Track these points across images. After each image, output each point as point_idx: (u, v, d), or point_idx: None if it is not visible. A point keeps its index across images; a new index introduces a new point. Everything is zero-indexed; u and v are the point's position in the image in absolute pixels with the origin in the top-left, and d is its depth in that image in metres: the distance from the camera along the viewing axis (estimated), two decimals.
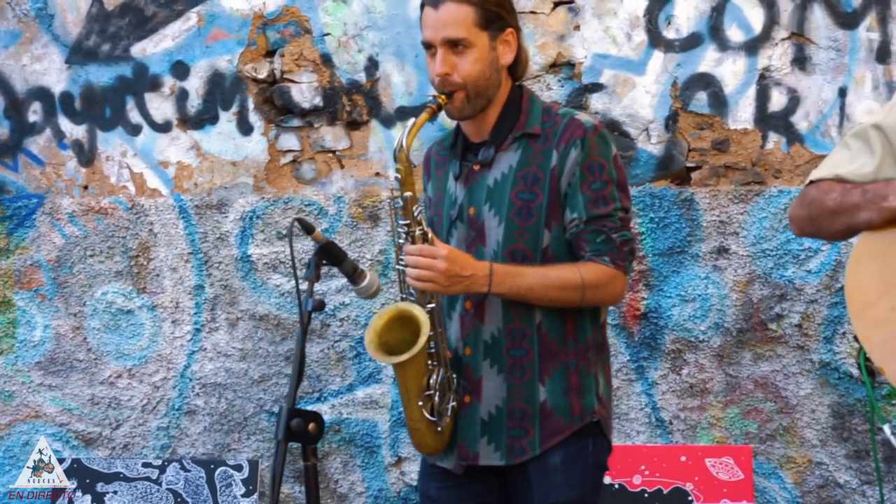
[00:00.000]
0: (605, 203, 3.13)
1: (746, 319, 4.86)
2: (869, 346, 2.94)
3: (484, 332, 3.16)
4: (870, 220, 2.94)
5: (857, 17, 4.81)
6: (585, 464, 3.22)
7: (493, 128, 3.19)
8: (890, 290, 2.92)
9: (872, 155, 3.00)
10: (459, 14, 3.09)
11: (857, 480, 4.77)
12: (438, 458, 3.25)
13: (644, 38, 4.91)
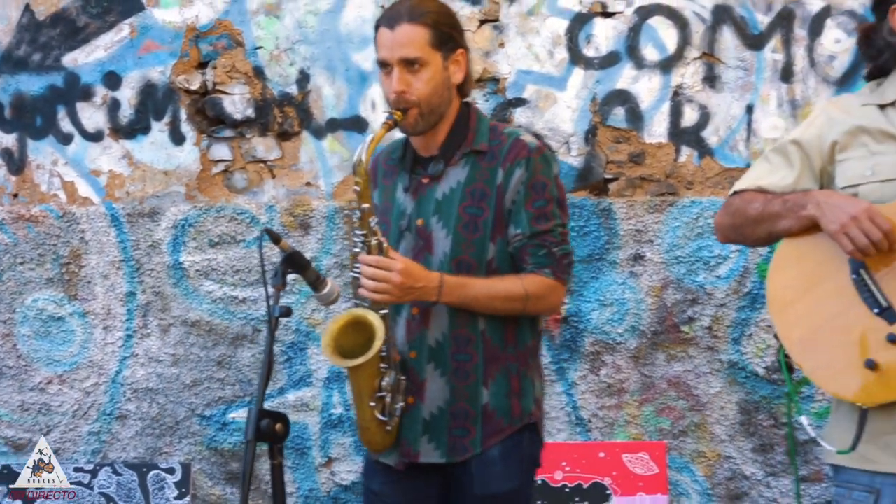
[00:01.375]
0: (547, 220, 3.27)
1: (660, 322, 5.03)
2: (788, 344, 3.08)
3: (429, 337, 3.26)
4: (789, 228, 3.07)
5: (763, 39, 5.03)
6: (522, 458, 3.35)
7: (442, 143, 3.29)
8: (807, 291, 3.05)
9: (791, 168, 3.13)
10: (415, 35, 3.20)
11: (762, 472, 4.96)
12: (382, 455, 3.34)
13: (565, 56, 5.07)
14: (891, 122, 3.00)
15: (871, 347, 2.92)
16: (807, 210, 3.02)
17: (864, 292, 2.92)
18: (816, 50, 5.01)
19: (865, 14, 4.89)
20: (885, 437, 2.94)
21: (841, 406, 3.05)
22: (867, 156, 3.01)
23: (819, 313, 3.04)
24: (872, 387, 2.94)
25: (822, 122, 3.12)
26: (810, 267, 3.07)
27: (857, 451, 2.97)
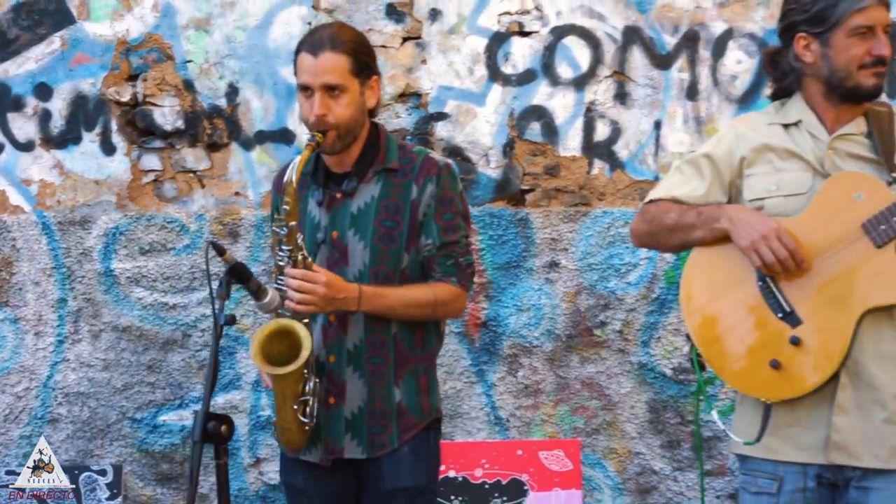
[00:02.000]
0: (454, 231, 3.45)
1: (574, 326, 5.15)
2: (700, 346, 3.26)
3: (347, 342, 3.41)
4: (702, 238, 3.25)
5: (671, 59, 5.19)
6: (429, 454, 3.53)
7: (355, 162, 3.44)
8: (718, 297, 3.23)
9: (703, 180, 3.31)
10: (337, 63, 3.35)
11: (669, 467, 5.13)
12: (303, 452, 3.46)
13: (484, 73, 5.20)
14: (794, 140, 3.19)
15: (776, 349, 3.11)
16: (720, 223, 3.19)
17: (770, 298, 3.10)
18: (719, 70, 5.17)
19: (765, 37, 5.13)
20: (787, 430, 3.12)
21: (746, 401, 3.22)
22: (772, 172, 3.20)
23: (728, 317, 3.21)
24: (776, 384, 3.12)
25: (732, 138, 3.30)
26: (721, 275, 3.24)
27: (761, 443, 3.14)
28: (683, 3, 5.16)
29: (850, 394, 3.09)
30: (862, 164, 3.17)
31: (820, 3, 3.17)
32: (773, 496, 3.20)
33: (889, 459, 3.06)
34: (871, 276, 3.06)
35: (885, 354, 3.09)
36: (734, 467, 5.07)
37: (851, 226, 3.07)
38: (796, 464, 3.16)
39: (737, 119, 3.59)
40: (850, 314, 3.06)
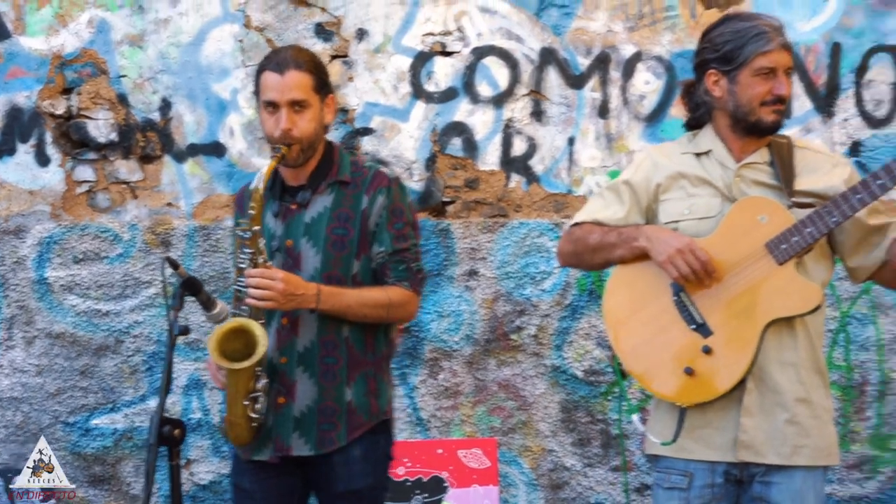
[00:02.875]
0: (405, 239, 3.59)
1: (492, 331, 5.29)
2: (621, 354, 3.44)
3: (298, 343, 3.51)
4: (623, 256, 3.43)
5: (584, 80, 5.35)
6: (379, 456, 3.64)
7: (310, 175, 3.56)
8: (637, 310, 3.41)
9: (623, 204, 3.48)
10: (302, 80, 3.49)
11: (580, 464, 5.29)
12: (254, 452, 3.55)
13: (408, 90, 5.32)
14: (705, 168, 3.39)
15: (689, 357, 3.30)
16: (638, 242, 3.38)
17: (684, 311, 3.30)
18: (629, 90, 5.35)
19: (671, 60, 5.35)
20: (699, 431, 3.32)
21: (662, 405, 3.41)
22: (685, 197, 3.40)
23: (647, 328, 3.40)
24: (690, 389, 3.31)
25: (649, 166, 3.49)
26: (640, 290, 3.43)
27: (676, 443, 3.33)
28: (596, 27, 5.31)
29: (756, 398, 3.28)
30: (765, 189, 3.36)
31: (729, 44, 3.35)
32: (684, 491, 3.36)
33: (791, 456, 3.27)
34: (774, 290, 3.24)
35: (786, 361, 3.29)
36: (640, 462, 5.27)
37: (756, 245, 3.26)
38: (706, 462, 3.33)
39: (653, 148, 3.76)
40: (755, 325, 3.25)
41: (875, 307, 5.39)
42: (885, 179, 3.12)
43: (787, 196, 3.33)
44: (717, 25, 3.47)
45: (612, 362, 3.57)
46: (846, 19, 5.39)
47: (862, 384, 5.40)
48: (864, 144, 5.42)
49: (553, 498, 5.33)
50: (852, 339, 5.41)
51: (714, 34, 3.44)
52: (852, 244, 3.38)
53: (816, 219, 3.21)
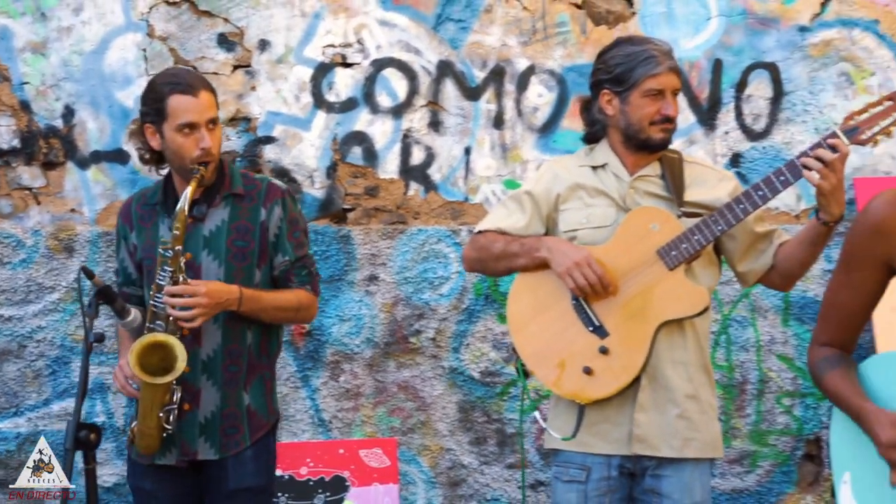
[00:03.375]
0: (303, 247, 3.73)
1: (392, 335, 5.37)
2: (524, 356, 3.58)
3: (201, 352, 3.59)
4: (525, 265, 3.58)
5: (480, 92, 5.44)
6: (269, 456, 3.75)
7: (205, 189, 3.62)
8: (538, 315, 3.57)
9: (524, 214, 3.63)
10: (212, 100, 3.60)
11: (477, 462, 5.38)
12: (158, 457, 3.61)
13: (310, 100, 5.36)
14: (601, 180, 3.56)
15: (587, 357, 3.47)
16: (540, 253, 3.53)
17: (582, 315, 3.47)
18: (523, 102, 5.44)
19: (563, 73, 5.44)
20: (596, 426, 3.49)
21: (562, 403, 3.58)
22: (583, 207, 3.56)
23: (547, 331, 3.56)
24: (588, 388, 3.48)
25: (549, 177, 3.65)
26: (540, 296, 3.58)
27: (575, 439, 3.50)
28: (491, 41, 5.41)
29: (649, 394, 3.46)
30: (657, 200, 3.54)
31: (620, 67, 3.53)
32: (582, 484, 3.52)
33: (681, 449, 3.45)
34: (665, 294, 3.43)
35: (677, 360, 3.47)
36: (534, 460, 5.38)
37: (648, 252, 3.44)
38: (603, 455, 3.50)
39: (553, 160, 3.91)
40: (648, 327, 3.43)
41: (754, 310, 5.54)
42: (765, 190, 3.34)
43: (677, 206, 3.51)
44: (610, 48, 3.63)
45: (516, 363, 3.70)
46: (727, 38, 5.54)
47: (742, 383, 5.54)
48: (744, 156, 5.58)
49: (451, 495, 5.42)
50: (733, 340, 5.54)
51: (607, 56, 3.59)
52: (741, 250, 3.56)
53: (704, 227, 3.39)
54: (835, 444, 2.80)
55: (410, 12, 5.42)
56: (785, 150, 5.58)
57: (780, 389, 5.57)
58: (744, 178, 5.49)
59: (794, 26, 5.60)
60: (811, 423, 5.60)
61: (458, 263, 5.40)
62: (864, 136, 3.29)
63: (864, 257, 2.68)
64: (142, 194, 3.80)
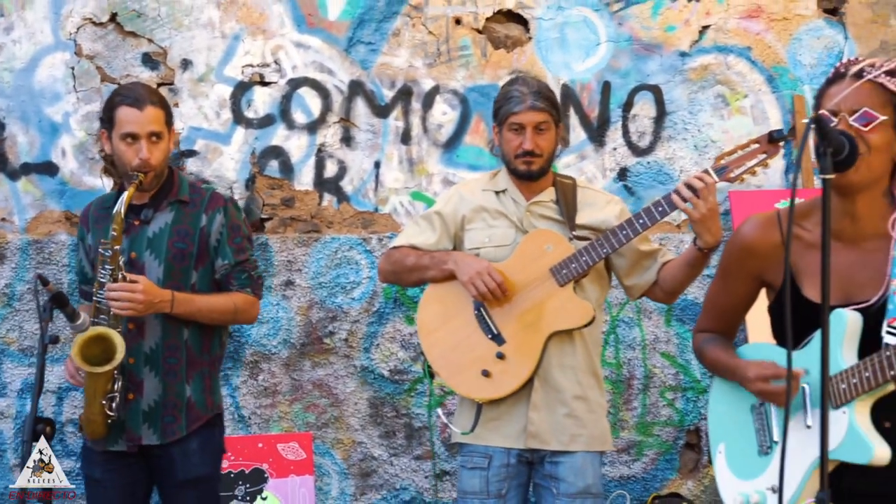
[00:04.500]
0: (243, 252, 3.89)
1: (307, 336, 5.51)
2: (431, 359, 3.84)
3: (144, 345, 3.76)
4: (434, 277, 3.85)
5: (388, 109, 5.59)
6: (214, 447, 3.94)
7: (153, 195, 3.81)
8: (445, 322, 3.83)
9: (434, 231, 3.89)
10: (158, 115, 3.76)
11: (387, 454, 5.54)
12: (109, 444, 3.76)
13: (230, 116, 5.49)
14: (502, 204, 3.85)
15: (486, 362, 3.76)
16: (447, 265, 3.81)
17: (483, 324, 3.76)
18: (428, 119, 5.60)
19: (465, 93, 5.59)
20: (494, 423, 3.79)
21: (464, 402, 3.87)
22: (486, 227, 3.85)
23: (452, 337, 3.82)
24: (486, 389, 3.77)
25: (457, 200, 3.92)
26: (447, 305, 3.85)
27: (475, 433, 3.80)
28: (399, 63, 5.57)
29: (541, 395, 3.75)
30: (551, 223, 3.82)
31: (496, 105, 3.84)
32: (485, 470, 3.80)
33: (569, 444, 3.76)
34: (556, 307, 3.72)
35: (566, 365, 3.77)
36: (440, 451, 5.54)
37: (542, 270, 3.73)
38: (503, 447, 3.79)
39: (461, 184, 4.16)
40: (540, 335, 3.72)
41: (640, 312, 5.71)
42: (645, 219, 3.63)
43: (570, 229, 3.79)
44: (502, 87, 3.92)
45: (423, 365, 3.96)
46: (614, 62, 5.72)
47: (629, 379, 5.71)
48: (630, 170, 5.75)
49: (363, 485, 5.55)
50: (621, 339, 5.71)
51: (497, 95, 3.90)
52: (628, 267, 3.85)
53: (591, 249, 3.69)
54: (711, 420, 3.11)
55: (324, 35, 5.54)
56: (667, 164, 5.76)
57: (664, 384, 5.74)
58: (630, 191, 5.71)
59: (676, 52, 5.78)
60: (692, 415, 5.77)
61: (370, 269, 5.54)
62: (732, 175, 3.55)
63: (737, 271, 2.99)
64: (101, 199, 3.96)
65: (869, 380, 2.64)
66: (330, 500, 5.61)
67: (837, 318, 2.70)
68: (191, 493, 3.88)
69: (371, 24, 5.60)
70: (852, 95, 2.70)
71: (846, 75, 2.73)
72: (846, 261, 2.78)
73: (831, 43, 5.98)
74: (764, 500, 2.87)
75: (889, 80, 2.70)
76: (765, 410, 2.92)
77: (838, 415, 2.69)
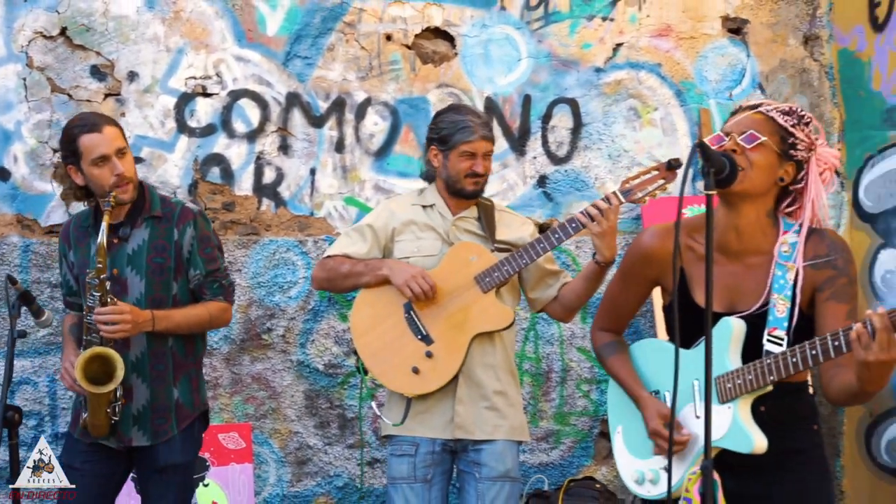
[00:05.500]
0: (214, 262, 4.09)
1: (247, 332, 5.61)
2: (364, 358, 4.10)
3: (130, 355, 3.94)
4: (368, 282, 4.09)
5: (323, 120, 5.71)
6: (195, 438, 4.14)
7: (128, 212, 3.97)
8: (377, 324, 4.08)
9: (366, 242, 4.14)
10: (116, 131, 3.94)
11: (321, 443, 5.68)
12: (102, 438, 3.95)
13: (174, 126, 5.54)
14: (430, 218, 4.11)
15: (415, 360, 4.02)
16: (382, 271, 4.06)
17: (412, 325, 4.02)
18: (361, 129, 5.72)
19: (395, 105, 5.71)
20: (421, 416, 4.06)
21: (394, 396, 4.12)
22: (415, 239, 4.11)
23: (384, 337, 4.08)
24: (415, 384, 4.03)
25: (387, 214, 4.17)
26: (378, 309, 4.10)
27: (404, 425, 4.05)
28: (333, 76, 5.70)
29: (465, 390, 4.03)
30: (474, 237, 4.11)
31: (445, 131, 4.08)
32: (412, 457, 4.07)
33: (491, 433, 4.04)
34: (479, 311, 4.00)
35: (487, 364, 4.05)
36: (371, 441, 5.67)
37: (467, 278, 4.01)
38: (428, 438, 4.05)
39: (390, 200, 4.39)
40: (465, 337, 4.00)
41: None
42: (560, 234, 3.92)
43: (491, 243, 4.08)
44: (441, 113, 4.17)
45: (357, 362, 4.20)
46: (534, 76, 5.91)
47: (548, 372, 5.88)
48: (549, 177, 5.94)
49: (299, 472, 5.67)
50: (540, 335, 5.87)
51: (438, 120, 4.14)
52: (534, 282, 4.15)
53: (511, 260, 3.96)
54: (610, 405, 3.45)
55: (263, 49, 5.64)
56: (583, 172, 5.97)
57: (580, 377, 5.93)
58: (549, 197, 5.92)
59: (591, 67, 6.00)
60: (605, 405, 5.53)
61: (306, 270, 5.66)
62: (636, 196, 3.86)
63: (636, 275, 3.34)
64: (77, 218, 4.09)
65: (752, 382, 2.99)
66: (268, 486, 5.71)
67: (725, 325, 3.05)
68: (170, 478, 4.05)
69: (307, 40, 5.71)
70: (744, 121, 3.07)
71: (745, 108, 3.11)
72: (732, 272, 3.12)
73: (735, 60, 6.22)
74: (657, 478, 3.20)
75: (779, 116, 3.05)
76: (660, 399, 3.25)
77: (724, 409, 3.04)
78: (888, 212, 6.20)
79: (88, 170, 3.91)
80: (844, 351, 2.80)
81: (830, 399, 3.02)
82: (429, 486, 4.09)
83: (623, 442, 3.35)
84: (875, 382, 2.79)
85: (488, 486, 4.07)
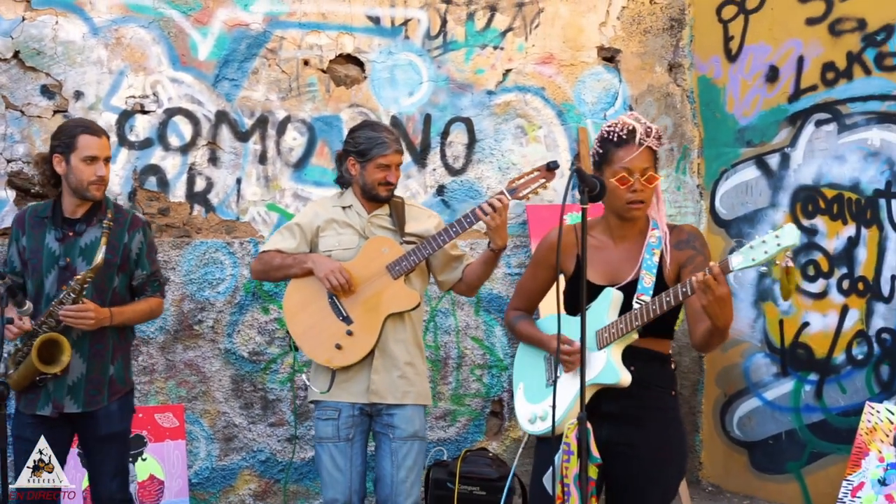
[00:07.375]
0: (155, 263, 4.51)
1: (180, 323, 5.92)
2: (294, 336, 4.50)
3: (72, 334, 4.28)
4: (296, 273, 4.49)
5: (248, 135, 6.03)
6: (128, 409, 4.49)
7: (86, 212, 4.31)
8: (305, 307, 4.48)
9: (295, 239, 4.53)
10: (108, 144, 4.31)
11: (246, 421, 6.02)
12: (38, 408, 4.24)
13: (115, 140, 5.80)
14: (348, 217, 4.52)
15: (338, 337, 4.43)
16: (307, 264, 4.47)
17: (335, 308, 4.45)
18: (282, 144, 6.04)
19: (312, 122, 5.99)
20: (344, 384, 4.47)
21: (320, 368, 4.52)
22: (336, 235, 4.52)
23: (311, 319, 4.48)
24: (338, 358, 4.43)
25: (312, 214, 4.57)
26: (306, 294, 4.51)
27: (330, 392, 4.46)
28: (257, 96, 6.02)
29: (380, 361, 4.47)
30: (386, 231, 4.54)
31: (363, 145, 4.48)
32: (336, 420, 4.47)
33: (402, 398, 4.50)
34: (391, 295, 4.45)
35: (399, 339, 4.51)
36: (289, 420, 5.94)
37: (380, 267, 4.46)
38: (349, 402, 4.48)
39: (315, 202, 4.75)
40: (379, 316, 4.44)
41: (454, 304, 6.22)
42: (458, 228, 4.40)
43: (401, 236, 4.53)
44: (358, 128, 4.58)
45: (289, 341, 4.20)
46: (434, 97, 6.26)
47: (445, 358, 6.23)
48: (447, 187, 6.32)
49: (226, 448, 6.01)
50: (439, 326, 6.23)
51: (355, 135, 4.55)
52: (441, 266, 4.62)
53: (418, 251, 4.44)
54: (515, 368, 3.97)
55: (195, 72, 5.95)
56: (477, 183, 6.32)
57: (474, 363, 6.31)
58: (446, 204, 6.29)
59: (484, 90, 6.38)
60: (496, 388, 6.30)
61: (232, 268, 5.95)
62: (521, 194, 4.35)
63: (544, 262, 3.91)
64: (34, 209, 4.40)
65: (621, 329, 3.63)
66: (199, 460, 5.98)
67: (606, 293, 3.70)
68: (110, 445, 4.43)
69: (234, 64, 6.03)
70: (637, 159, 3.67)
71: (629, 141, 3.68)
72: (615, 252, 3.78)
73: (609, 85, 6.68)
74: (546, 415, 3.78)
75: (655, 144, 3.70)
76: (553, 358, 3.87)
77: (600, 354, 3.67)
78: (740, 218, 6.80)
79: (76, 163, 4.25)
80: (690, 294, 3.44)
81: (697, 345, 3.65)
82: (350, 444, 4.50)
83: (523, 395, 3.89)
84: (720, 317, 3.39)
85: (400, 445, 4.52)
